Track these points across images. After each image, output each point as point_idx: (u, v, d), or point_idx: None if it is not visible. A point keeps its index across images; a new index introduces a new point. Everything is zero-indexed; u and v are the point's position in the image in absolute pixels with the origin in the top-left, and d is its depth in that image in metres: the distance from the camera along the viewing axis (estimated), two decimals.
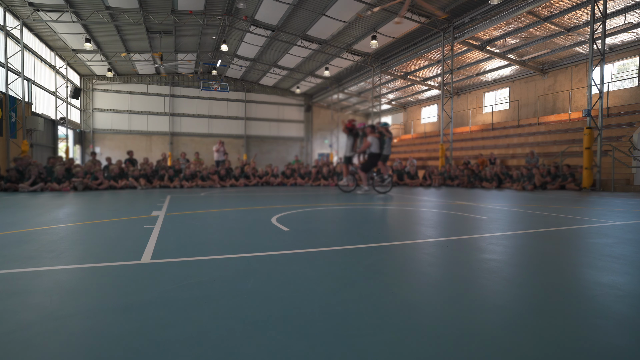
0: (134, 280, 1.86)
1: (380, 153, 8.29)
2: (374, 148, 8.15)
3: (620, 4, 11.21)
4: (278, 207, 5.31)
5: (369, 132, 8.32)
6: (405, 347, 1.16)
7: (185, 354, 1.10)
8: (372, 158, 8.25)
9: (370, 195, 7.83)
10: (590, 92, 10.12)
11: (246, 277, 1.89)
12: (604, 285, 1.79)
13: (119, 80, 22.76)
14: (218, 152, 13.85)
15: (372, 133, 8.24)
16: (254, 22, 15.44)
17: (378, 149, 8.19)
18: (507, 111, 18.76)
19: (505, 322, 1.36)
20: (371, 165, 8.32)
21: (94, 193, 8.46)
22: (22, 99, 13.61)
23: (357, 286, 1.77)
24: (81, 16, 14.05)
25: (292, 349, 1.14)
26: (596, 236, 3.15)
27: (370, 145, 8.14)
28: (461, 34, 13.76)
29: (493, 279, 1.90)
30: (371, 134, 8.23)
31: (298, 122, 27.66)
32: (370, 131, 8.30)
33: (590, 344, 1.18)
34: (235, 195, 7.79)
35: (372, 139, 8.13)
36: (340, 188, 9.05)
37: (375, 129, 8.38)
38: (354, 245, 2.70)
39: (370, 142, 8.13)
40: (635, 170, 10.29)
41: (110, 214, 4.52)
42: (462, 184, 12.35)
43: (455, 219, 4.24)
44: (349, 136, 8.69)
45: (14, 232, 3.22)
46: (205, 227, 3.56)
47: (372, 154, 8.19)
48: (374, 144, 8.14)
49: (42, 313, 1.42)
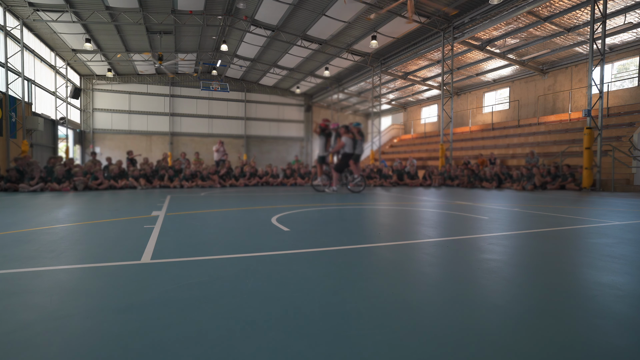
0: (134, 280, 1.86)
1: (353, 153, 8.47)
2: (348, 148, 8.36)
3: (620, 4, 11.21)
4: (278, 207, 5.31)
5: (342, 132, 8.54)
6: (405, 347, 1.16)
7: (185, 354, 1.10)
8: (346, 158, 8.44)
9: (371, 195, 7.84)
10: (590, 92, 10.12)
11: (246, 277, 1.89)
12: (604, 285, 1.79)
13: (119, 80, 22.77)
14: (218, 152, 13.88)
15: (346, 133, 8.45)
16: (254, 22, 15.44)
17: (352, 149, 8.40)
18: (507, 111, 18.76)
19: (505, 322, 1.36)
20: (344, 165, 8.50)
21: (94, 193, 8.46)
22: (22, 99, 13.61)
23: (357, 286, 1.77)
24: (81, 16, 14.05)
25: (292, 349, 1.14)
26: (596, 236, 3.15)
27: (344, 145, 8.36)
28: (461, 34, 13.76)
29: (493, 279, 1.90)
30: (345, 134, 8.43)
31: (298, 122, 27.66)
32: (344, 132, 8.52)
33: (590, 344, 1.18)
34: (235, 195, 7.79)
35: (346, 140, 8.35)
36: (315, 188, 9.16)
37: (348, 129, 8.57)
38: (354, 245, 2.70)
39: (344, 142, 8.37)
40: (635, 170, 10.29)
41: (110, 214, 4.52)
42: (462, 184, 12.35)
43: (455, 219, 4.24)
44: (322, 136, 8.89)
45: (14, 232, 3.22)
46: (205, 227, 3.56)
47: (346, 154, 8.40)
48: (348, 144, 8.35)
49: (42, 313, 1.42)
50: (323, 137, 8.90)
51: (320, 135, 8.90)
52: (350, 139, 8.39)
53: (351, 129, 8.61)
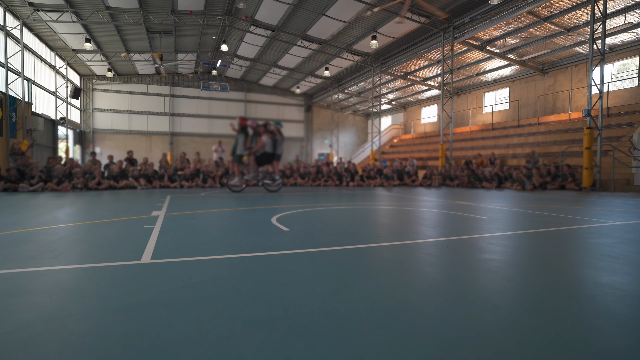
0: (134, 280, 1.86)
1: (274, 153, 8.33)
2: (268, 148, 8.22)
3: (620, 4, 11.21)
4: (278, 207, 5.31)
5: (262, 131, 8.34)
6: (405, 347, 1.16)
7: (185, 354, 1.10)
8: (266, 157, 8.31)
9: (371, 195, 7.83)
10: (590, 92, 10.12)
11: (246, 277, 1.89)
12: (604, 285, 1.79)
13: (119, 80, 22.76)
14: (217, 152, 13.93)
15: (266, 133, 8.27)
16: (254, 22, 15.44)
17: (272, 149, 8.27)
18: (507, 111, 18.76)
19: (505, 322, 1.36)
20: (264, 162, 8.36)
21: (94, 193, 8.46)
22: (22, 99, 13.60)
23: (357, 286, 1.77)
24: (81, 16, 14.05)
25: (292, 349, 1.14)
26: (596, 236, 3.15)
27: (264, 144, 8.20)
28: (461, 34, 13.76)
29: (493, 279, 1.90)
30: (264, 133, 8.26)
31: (298, 122, 27.66)
32: (263, 131, 8.33)
33: (590, 344, 1.18)
34: (235, 195, 7.79)
35: (266, 139, 8.19)
36: (230, 188, 8.74)
37: (268, 128, 8.38)
38: (354, 245, 2.70)
39: (264, 141, 8.19)
40: (635, 170, 10.29)
41: (110, 214, 4.52)
42: (462, 184, 12.35)
43: (455, 219, 4.24)
44: (241, 134, 8.47)
45: (14, 232, 3.22)
46: (205, 227, 3.56)
47: (266, 154, 8.28)
48: (268, 144, 8.21)
49: (42, 313, 1.42)
50: (242, 134, 8.48)
51: (240, 133, 8.46)
52: (270, 138, 8.19)
53: (270, 128, 8.39)
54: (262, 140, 8.18)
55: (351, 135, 29.29)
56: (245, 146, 8.49)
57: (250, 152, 8.39)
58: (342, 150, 27.73)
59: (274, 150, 8.33)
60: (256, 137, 8.42)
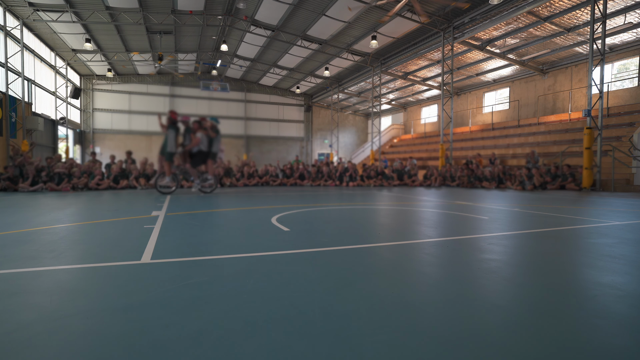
0: (134, 280, 1.86)
1: (210, 151, 7.85)
2: (203, 146, 7.71)
3: (620, 4, 11.21)
4: (278, 207, 5.31)
5: (195, 127, 7.80)
6: (405, 347, 1.16)
7: (185, 354, 1.10)
8: (201, 156, 7.80)
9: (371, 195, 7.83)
10: (590, 92, 10.12)
11: (246, 277, 1.89)
12: (604, 285, 1.79)
13: (119, 80, 22.76)
14: None
15: (200, 129, 7.78)
16: (254, 22, 15.43)
17: (207, 147, 7.78)
18: (507, 111, 18.76)
19: (505, 322, 1.36)
20: (199, 163, 7.87)
21: (93, 193, 8.46)
22: (22, 99, 13.60)
23: (357, 286, 1.76)
24: (81, 16, 14.05)
25: (292, 349, 1.14)
26: (596, 236, 3.15)
27: (199, 142, 7.67)
28: (461, 34, 13.75)
29: (493, 279, 1.90)
30: (198, 130, 7.76)
31: (298, 122, 27.65)
32: (197, 127, 7.80)
33: (590, 344, 1.18)
34: (235, 195, 7.79)
35: (202, 136, 7.69)
36: (159, 190, 7.87)
37: (201, 124, 7.86)
38: (354, 245, 2.70)
39: (199, 139, 7.65)
40: (635, 170, 10.29)
41: (110, 214, 4.51)
42: (462, 184, 12.35)
43: (455, 219, 4.24)
44: (171, 129, 7.60)
45: (14, 232, 3.22)
46: (205, 227, 3.56)
47: (202, 153, 7.75)
48: (203, 141, 7.70)
49: (42, 313, 1.42)
50: (172, 130, 7.63)
51: (170, 129, 7.60)
52: (205, 135, 7.70)
53: (205, 124, 7.86)
54: (197, 138, 7.61)
55: (351, 135, 29.29)
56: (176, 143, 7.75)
57: (183, 149, 7.77)
58: (342, 150, 27.72)
59: (210, 149, 7.81)
60: (189, 134, 7.84)
